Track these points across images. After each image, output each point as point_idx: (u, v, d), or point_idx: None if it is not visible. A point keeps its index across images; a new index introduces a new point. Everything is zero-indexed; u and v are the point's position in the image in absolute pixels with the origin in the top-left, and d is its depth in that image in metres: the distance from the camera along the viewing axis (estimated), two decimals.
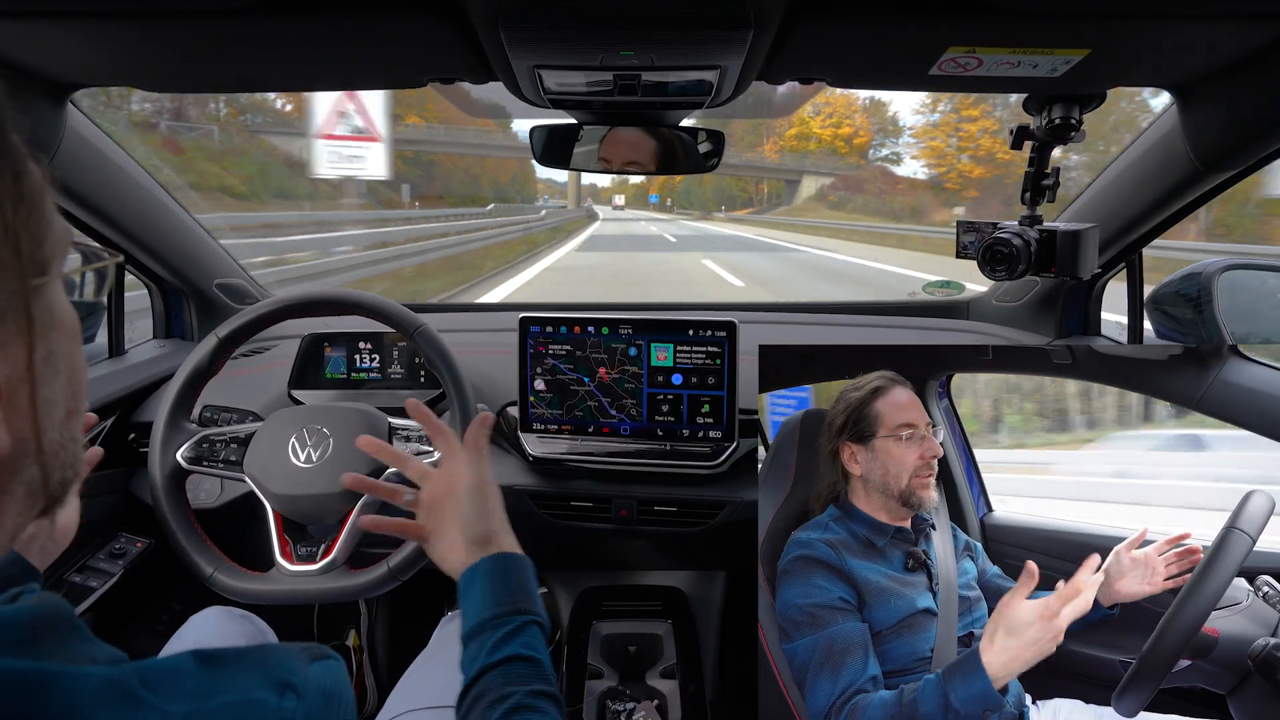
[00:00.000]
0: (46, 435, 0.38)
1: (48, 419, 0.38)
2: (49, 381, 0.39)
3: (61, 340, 0.40)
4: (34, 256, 0.36)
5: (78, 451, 0.42)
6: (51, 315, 0.39)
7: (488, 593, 0.70)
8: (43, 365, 0.38)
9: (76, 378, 0.42)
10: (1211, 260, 1.16)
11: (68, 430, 0.41)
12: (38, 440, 0.37)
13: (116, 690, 0.34)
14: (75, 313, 0.42)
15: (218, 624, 1.02)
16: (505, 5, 0.69)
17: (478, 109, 3.51)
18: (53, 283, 0.39)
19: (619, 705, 1.25)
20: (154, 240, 1.35)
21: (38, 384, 0.37)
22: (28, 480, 0.38)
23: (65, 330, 0.40)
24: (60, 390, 0.40)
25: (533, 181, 49.88)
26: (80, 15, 0.74)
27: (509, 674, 0.64)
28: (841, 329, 1.59)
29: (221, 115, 17.23)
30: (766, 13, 0.70)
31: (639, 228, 32.19)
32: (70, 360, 0.41)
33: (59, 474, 0.40)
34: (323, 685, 0.42)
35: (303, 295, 1.03)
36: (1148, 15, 0.72)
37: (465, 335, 1.52)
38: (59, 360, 0.39)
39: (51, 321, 0.39)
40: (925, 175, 38.88)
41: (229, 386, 1.30)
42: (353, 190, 14.37)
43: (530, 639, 0.67)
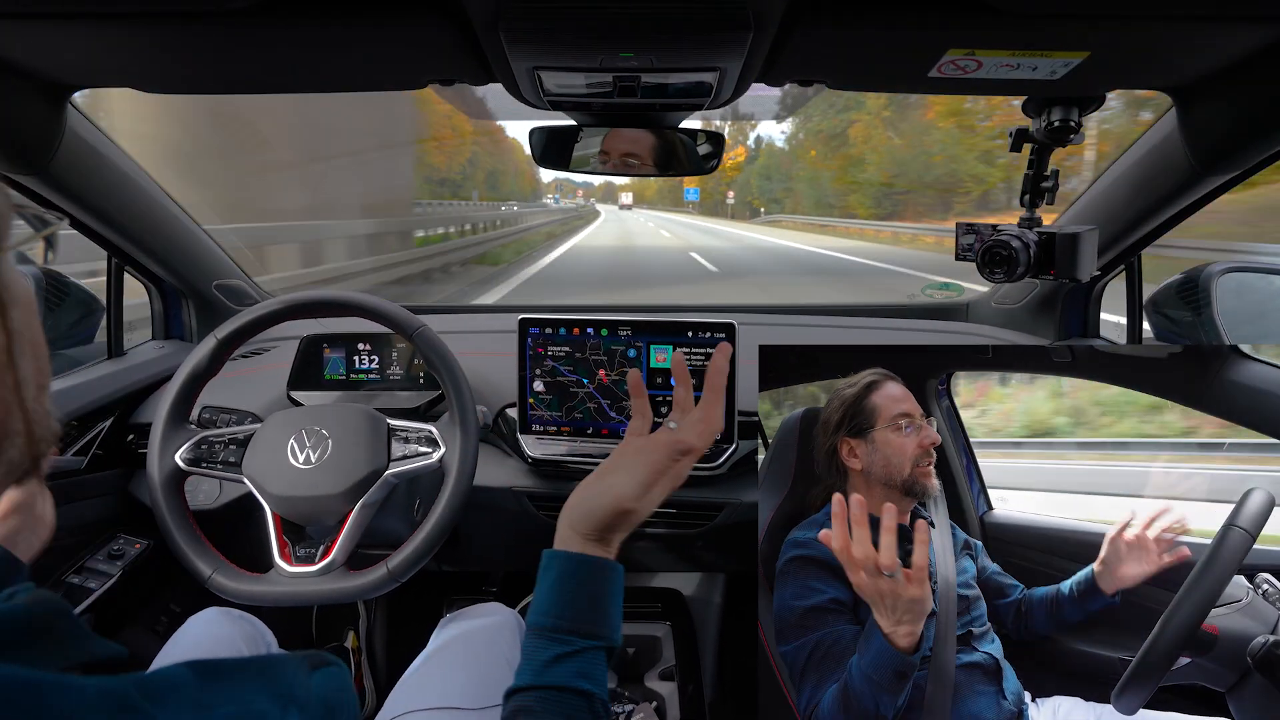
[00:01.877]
0: (24, 414, 0.38)
1: (23, 398, 0.38)
2: (18, 362, 0.39)
3: (21, 316, 0.39)
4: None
5: (49, 424, 0.42)
6: (10, 293, 0.39)
7: (562, 596, 0.63)
8: (11, 346, 0.38)
9: (40, 353, 0.42)
10: (1212, 262, 1.16)
11: (40, 405, 0.41)
12: (16, 421, 0.37)
13: (116, 702, 0.34)
14: (30, 286, 0.41)
15: (216, 625, 1.02)
16: (505, 6, 0.69)
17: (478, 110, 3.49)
18: (3, 257, 0.38)
19: (618, 707, 1.25)
20: (153, 241, 1.35)
21: (8, 365, 0.37)
22: (9, 459, 0.38)
23: (23, 305, 0.40)
24: (28, 366, 0.40)
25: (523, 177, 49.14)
26: (79, 16, 0.74)
27: (557, 703, 0.58)
28: (840, 330, 1.59)
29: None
30: (766, 14, 0.70)
31: (647, 237, 22.25)
32: (33, 335, 0.41)
33: (34, 449, 0.40)
34: (324, 695, 0.41)
35: (302, 297, 1.03)
36: (1147, 18, 0.72)
37: (464, 337, 1.52)
38: (23, 338, 0.39)
39: (12, 299, 0.39)
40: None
41: (228, 388, 1.30)
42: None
43: (589, 667, 0.60)
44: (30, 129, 0.97)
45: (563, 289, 10.42)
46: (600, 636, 0.62)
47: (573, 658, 0.60)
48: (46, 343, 0.43)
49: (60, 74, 0.93)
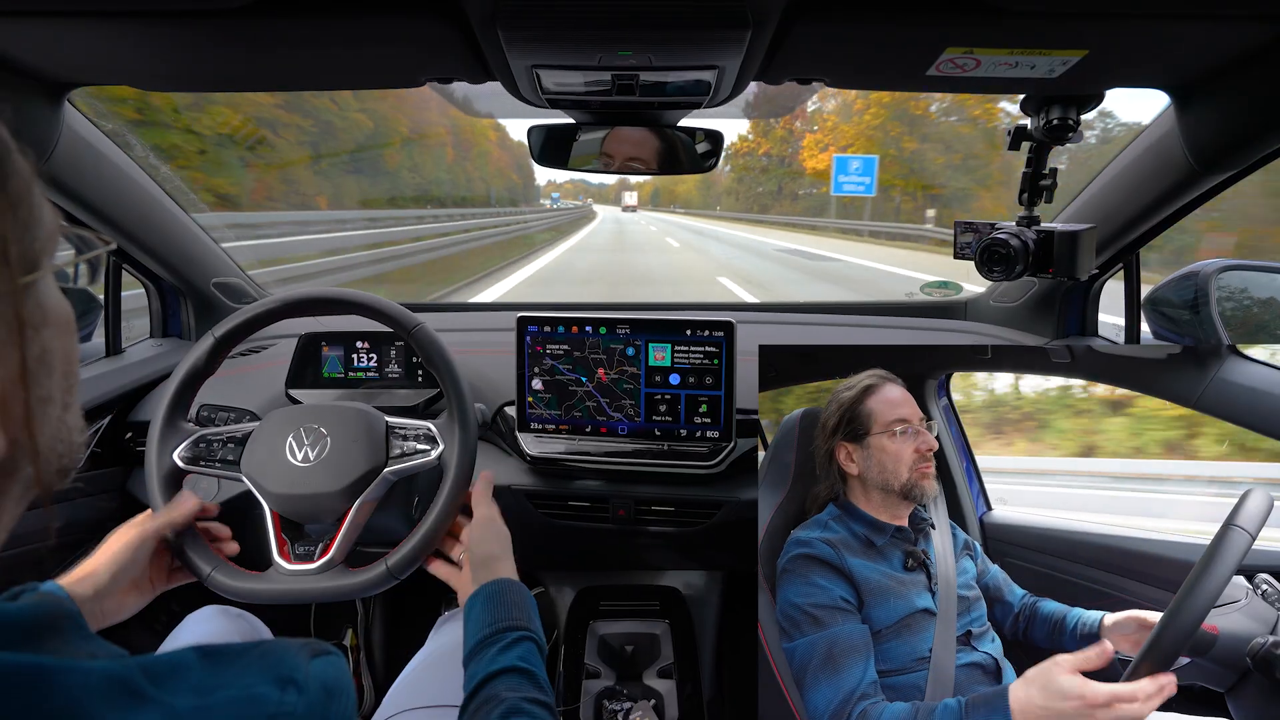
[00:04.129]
0: (43, 433, 0.38)
1: (43, 417, 0.38)
2: (43, 380, 0.38)
3: (55, 336, 0.39)
4: (23, 255, 0.36)
5: (74, 440, 0.42)
6: (44, 312, 0.39)
7: (485, 613, 0.77)
8: (36, 364, 0.37)
9: (70, 370, 0.42)
10: (1209, 261, 1.16)
11: (64, 423, 0.41)
12: (32, 441, 0.37)
13: (120, 685, 0.34)
14: (68, 305, 0.41)
15: (215, 623, 1.02)
16: (503, 4, 0.69)
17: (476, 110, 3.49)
18: (44, 278, 0.38)
19: (616, 705, 1.25)
20: (151, 239, 1.35)
21: (31, 383, 0.37)
22: (23, 479, 0.38)
23: (58, 325, 0.40)
24: (55, 386, 0.40)
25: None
26: (79, 15, 0.74)
27: (505, 683, 0.68)
28: (839, 329, 1.59)
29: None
30: (764, 12, 0.70)
31: (649, 258, 15.26)
32: (65, 354, 0.40)
33: (56, 465, 0.40)
34: (324, 680, 0.42)
35: (300, 294, 1.02)
36: (1145, 16, 0.72)
37: (463, 335, 1.52)
38: (53, 356, 0.39)
39: (44, 319, 0.38)
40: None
41: (226, 386, 1.30)
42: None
43: (525, 652, 0.72)
44: (28, 127, 0.97)
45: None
46: (528, 629, 0.75)
47: (510, 648, 0.72)
48: (78, 360, 0.43)
49: (58, 72, 0.93)
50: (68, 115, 1.04)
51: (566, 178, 57.08)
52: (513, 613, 0.76)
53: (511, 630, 0.74)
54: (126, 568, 0.80)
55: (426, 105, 23.77)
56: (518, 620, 0.76)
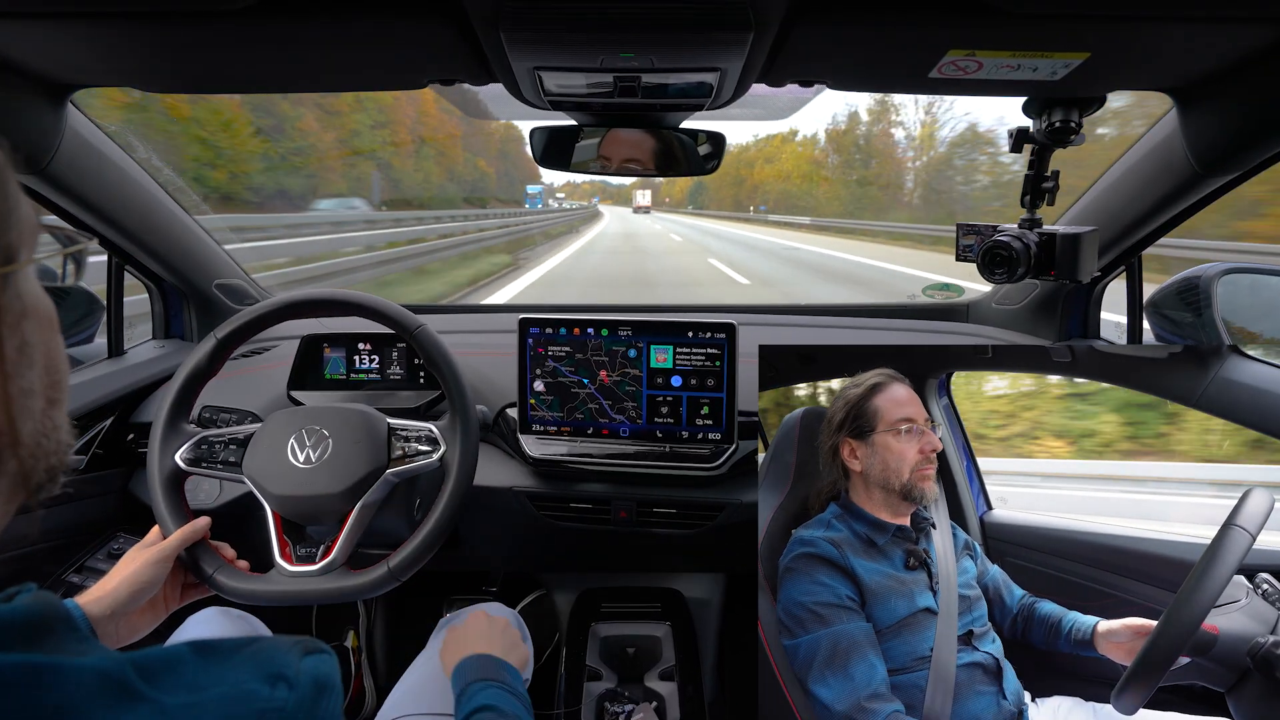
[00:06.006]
0: (25, 427, 0.38)
1: (24, 410, 0.38)
2: (24, 372, 0.38)
3: (36, 329, 0.39)
4: (1, 246, 0.36)
5: (62, 438, 0.42)
6: (23, 304, 0.38)
7: (469, 671, 0.83)
8: (17, 355, 0.37)
9: (55, 366, 0.41)
10: (1212, 264, 1.16)
11: (49, 419, 0.40)
12: (13, 433, 0.37)
13: (112, 681, 0.34)
14: (49, 300, 0.41)
15: (216, 624, 1.02)
16: (506, 6, 0.69)
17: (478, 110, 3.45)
18: (23, 270, 0.38)
19: (617, 707, 1.25)
20: (154, 240, 1.35)
21: (12, 373, 0.37)
22: (9, 473, 0.38)
23: (39, 318, 0.40)
24: (38, 379, 0.39)
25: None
26: (80, 16, 0.74)
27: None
28: (840, 330, 1.59)
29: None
30: (766, 14, 0.70)
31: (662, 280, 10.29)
32: (47, 349, 0.40)
33: (43, 463, 0.40)
34: (315, 676, 0.42)
35: (302, 296, 1.02)
36: (1148, 19, 0.72)
37: (465, 336, 1.52)
38: (34, 350, 0.39)
39: (23, 310, 0.38)
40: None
41: (228, 387, 1.30)
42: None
43: (497, 698, 0.78)
44: (30, 128, 0.97)
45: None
46: (505, 683, 0.81)
47: (485, 690, 0.79)
48: (66, 359, 0.43)
49: (60, 73, 0.93)
50: (70, 116, 1.04)
51: (569, 178, 55.20)
52: (496, 671, 0.83)
53: (488, 682, 0.81)
54: (146, 588, 0.81)
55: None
56: (499, 677, 0.82)
